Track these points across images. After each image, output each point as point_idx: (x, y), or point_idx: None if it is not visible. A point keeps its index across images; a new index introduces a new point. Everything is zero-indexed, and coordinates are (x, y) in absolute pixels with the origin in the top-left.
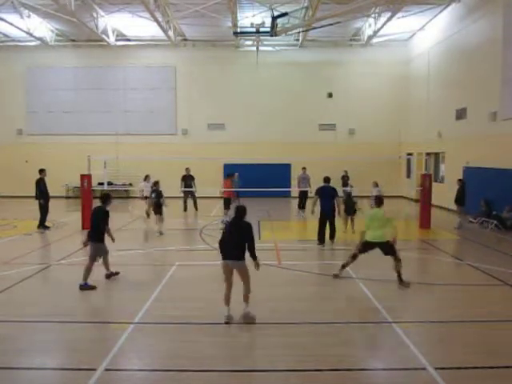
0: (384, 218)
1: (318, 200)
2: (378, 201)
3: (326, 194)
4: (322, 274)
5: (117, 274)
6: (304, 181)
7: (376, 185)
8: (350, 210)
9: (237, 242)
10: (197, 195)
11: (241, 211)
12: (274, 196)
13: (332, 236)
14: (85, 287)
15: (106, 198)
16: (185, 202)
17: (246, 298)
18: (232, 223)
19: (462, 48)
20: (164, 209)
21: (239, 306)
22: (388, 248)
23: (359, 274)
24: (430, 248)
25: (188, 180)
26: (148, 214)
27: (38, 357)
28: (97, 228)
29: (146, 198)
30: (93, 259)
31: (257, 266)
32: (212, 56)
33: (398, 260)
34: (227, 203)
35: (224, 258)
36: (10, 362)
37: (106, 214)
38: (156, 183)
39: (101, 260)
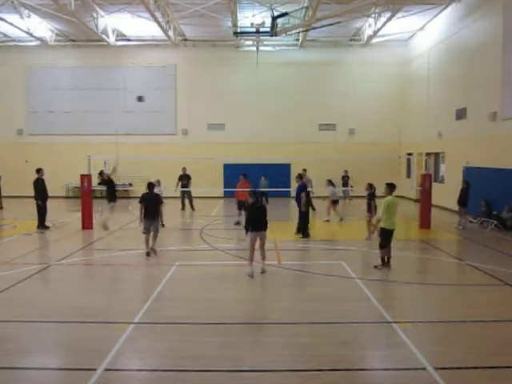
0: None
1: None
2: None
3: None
4: (322, 274)
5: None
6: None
7: (330, 183)
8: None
9: (262, 217)
10: (197, 195)
11: (259, 195)
12: (273, 196)
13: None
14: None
15: (150, 185)
16: (182, 201)
17: (264, 257)
18: (257, 205)
19: (462, 48)
20: None
21: (240, 305)
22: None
23: (359, 274)
24: (430, 248)
25: (184, 179)
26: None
27: (38, 357)
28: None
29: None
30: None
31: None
32: (212, 56)
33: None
34: (241, 205)
35: (256, 230)
36: (11, 362)
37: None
38: None
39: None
